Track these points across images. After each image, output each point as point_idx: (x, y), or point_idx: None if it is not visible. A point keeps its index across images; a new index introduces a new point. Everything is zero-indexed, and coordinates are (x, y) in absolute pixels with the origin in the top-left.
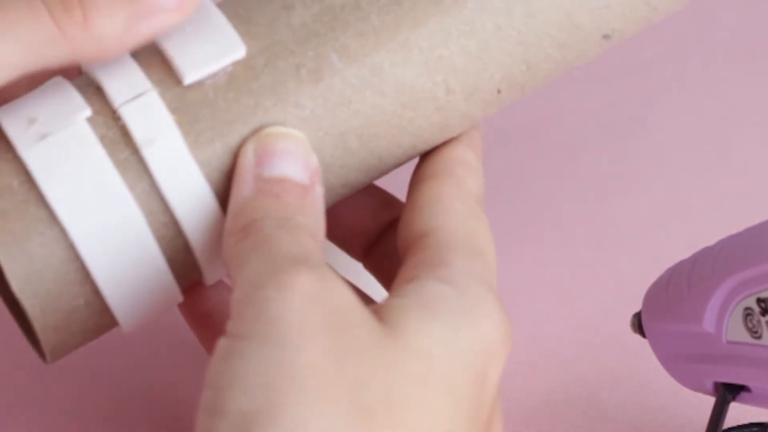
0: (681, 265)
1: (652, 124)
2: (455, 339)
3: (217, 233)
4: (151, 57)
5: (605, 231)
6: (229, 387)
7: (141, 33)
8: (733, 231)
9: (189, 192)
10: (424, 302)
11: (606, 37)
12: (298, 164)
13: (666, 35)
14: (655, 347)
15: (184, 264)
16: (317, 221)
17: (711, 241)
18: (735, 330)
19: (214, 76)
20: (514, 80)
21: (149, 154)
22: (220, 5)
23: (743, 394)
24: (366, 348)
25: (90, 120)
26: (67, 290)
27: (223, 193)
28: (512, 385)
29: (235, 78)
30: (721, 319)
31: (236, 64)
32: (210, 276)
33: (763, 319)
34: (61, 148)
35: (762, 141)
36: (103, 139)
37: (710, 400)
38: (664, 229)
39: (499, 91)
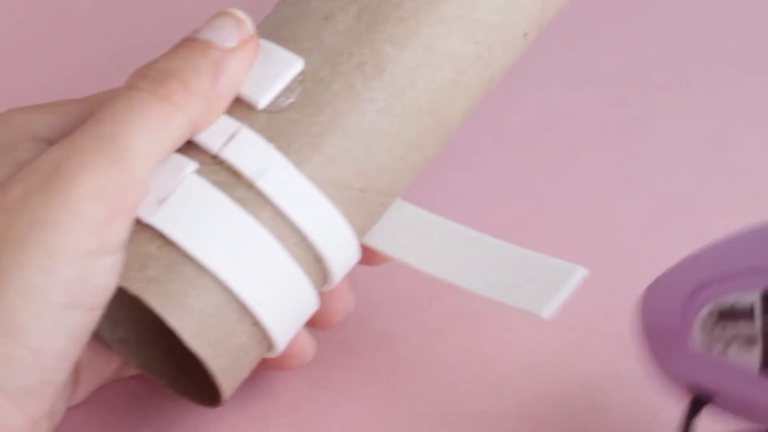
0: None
1: (652, 124)
2: None
3: (340, 238)
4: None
5: (605, 231)
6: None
7: (227, 77)
8: (733, 229)
9: (309, 208)
10: None
11: None
12: None
13: (666, 35)
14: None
15: (318, 275)
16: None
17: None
18: (700, 341)
19: (288, 96)
20: (535, 21)
21: (264, 185)
22: (261, 36)
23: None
24: None
25: (198, 172)
26: (231, 330)
27: (335, 200)
28: (512, 385)
29: (310, 93)
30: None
31: (306, 80)
32: (336, 280)
33: (716, 330)
34: (183, 204)
35: (762, 141)
36: (215, 184)
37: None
38: (664, 229)
39: (525, 35)
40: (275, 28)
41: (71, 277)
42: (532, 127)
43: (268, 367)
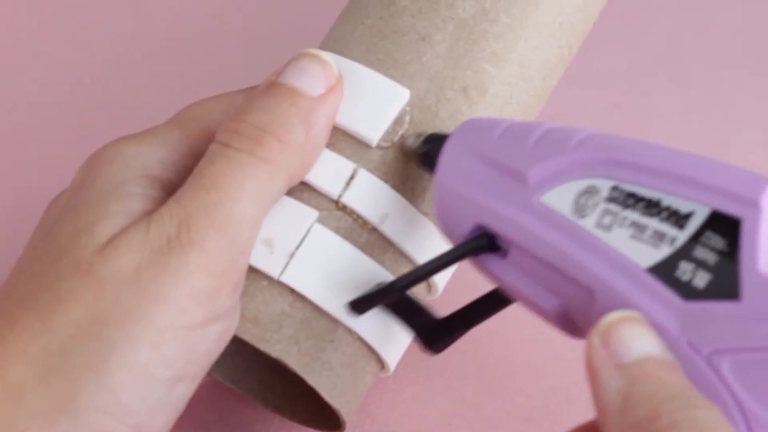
0: (531, 125)
1: (652, 124)
2: None
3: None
4: (335, 137)
5: None
6: None
7: (319, 126)
8: None
9: (427, 248)
10: None
11: None
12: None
13: (666, 35)
14: (443, 171)
15: (426, 295)
16: None
17: None
18: (559, 198)
19: (397, 129)
20: (600, 9)
21: (387, 228)
22: (349, 56)
23: (492, 257)
24: None
25: (320, 220)
26: (360, 375)
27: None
28: (512, 385)
29: (419, 123)
30: (553, 180)
31: (413, 110)
32: (437, 296)
33: (602, 205)
34: (312, 258)
35: (762, 141)
36: (338, 231)
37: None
38: None
39: (592, 25)
40: (365, 49)
41: (178, 352)
42: None
43: None
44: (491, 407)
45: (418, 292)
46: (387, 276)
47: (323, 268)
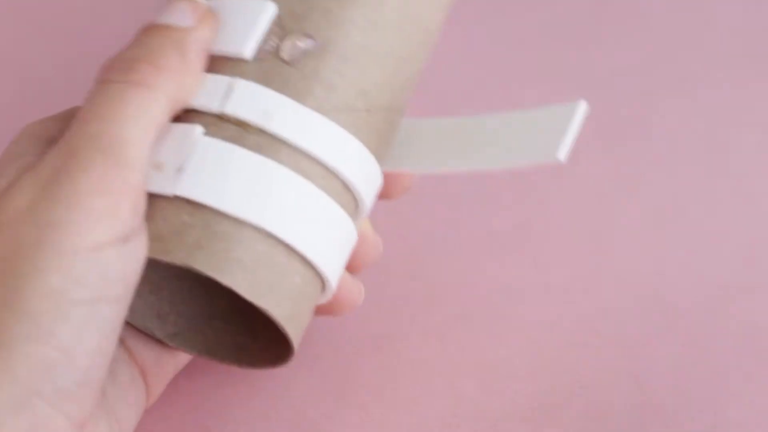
0: None
1: (652, 124)
2: None
3: (360, 160)
4: (213, 65)
5: (605, 231)
6: None
7: (193, 52)
8: (733, 230)
9: (323, 138)
10: None
11: None
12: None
13: (666, 35)
14: None
15: (349, 204)
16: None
17: (711, 240)
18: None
19: (270, 41)
20: None
21: (274, 127)
22: None
23: None
24: None
25: (206, 133)
26: (283, 274)
27: (344, 124)
28: (512, 386)
29: (291, 31)
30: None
31: (284, 20)
32: (367, 206)
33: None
34: (203, 167)
35: (762, 141)
36: (227, 139)
37: (711, 404)
38: (663, 229)
39: None
40: None
41: (89, 272)
42: None
43: (322, 313)
44: (491, 407)
45: (344, 206)
46: (285, 171)
47: (216, 173)
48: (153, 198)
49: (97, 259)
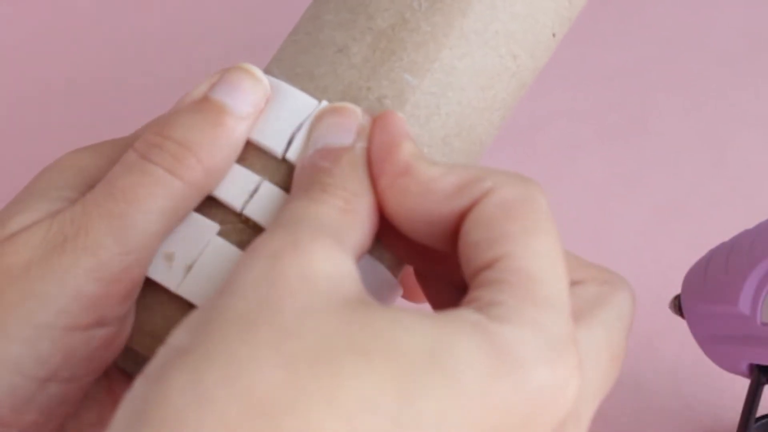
0: (720, 247)
1: (652, 124)
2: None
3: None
4: (246, 151)
5: (605, 231)
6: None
7: (237, 145)
8: (733, 230)
9: None
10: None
11: None
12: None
13: (666, 35)
14: (694, 328)
15: None
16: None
17: (710, 240)
18: None
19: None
20: (563, 17)
21: None
22: (275, 74)
23: None
24: None
25: (221, 233)
26: None
27: None
28: None
29: None
30: (756, 301)
31: None
32: None
33: None
34: (210, 272)
35: (762, 141)
36: (240, 245)
37: (713, 402)
38: (663, 229)
39: (554, 35)
40: (290, 64)
41: (54, 352)
42: (531, 127)
43: None
44: None
45: None
46: None
47: (221, 281)
48: (155, 287)
49: (65, 340)
